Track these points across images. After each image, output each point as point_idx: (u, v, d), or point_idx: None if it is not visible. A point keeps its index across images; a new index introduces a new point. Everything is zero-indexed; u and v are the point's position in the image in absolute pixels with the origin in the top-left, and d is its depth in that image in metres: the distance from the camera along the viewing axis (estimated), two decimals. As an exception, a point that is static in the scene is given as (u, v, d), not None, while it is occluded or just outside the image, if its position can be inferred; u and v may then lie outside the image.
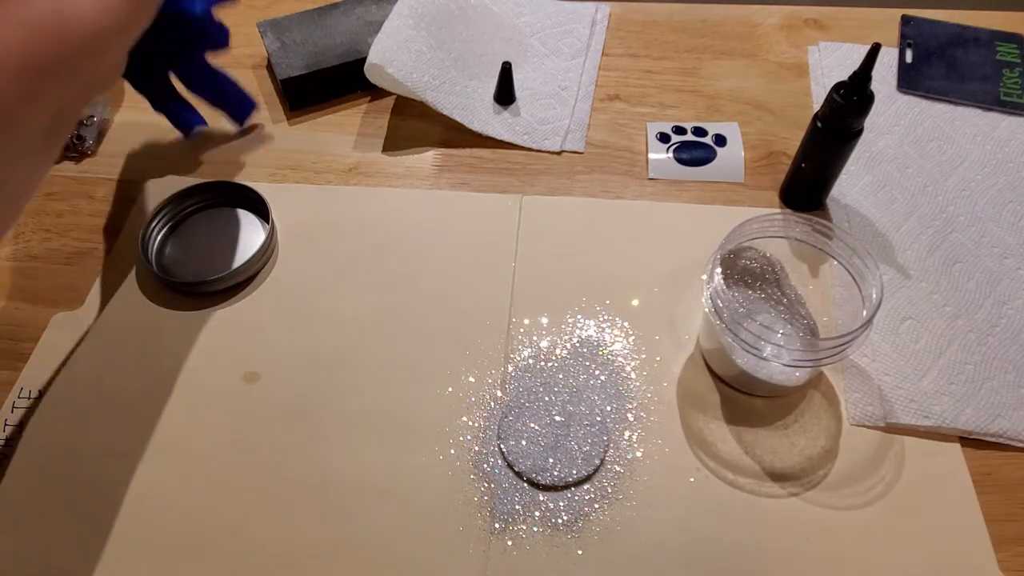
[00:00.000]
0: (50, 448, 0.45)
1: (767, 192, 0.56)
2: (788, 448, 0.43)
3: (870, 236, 0.52)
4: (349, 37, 0.63)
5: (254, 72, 0.67)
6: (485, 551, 0.40)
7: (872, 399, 0.45)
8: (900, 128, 0.59)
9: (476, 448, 0.44)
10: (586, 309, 0.50)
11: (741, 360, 0.44)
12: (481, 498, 0.42)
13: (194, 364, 0.48)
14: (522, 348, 0.48)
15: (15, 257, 0.55)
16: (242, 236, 0.54)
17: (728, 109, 0.62)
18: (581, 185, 0.57)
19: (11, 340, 0.50)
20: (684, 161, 0.58)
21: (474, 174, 0.58)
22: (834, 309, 0.48)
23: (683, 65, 0.66)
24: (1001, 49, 0.64)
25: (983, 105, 0.60)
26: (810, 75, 0.64)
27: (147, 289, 0.52)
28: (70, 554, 0.41)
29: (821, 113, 0.48)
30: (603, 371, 0.47)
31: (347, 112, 0.63)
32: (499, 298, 0.50)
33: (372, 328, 0.49)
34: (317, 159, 0.60)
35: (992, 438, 0.43)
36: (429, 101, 0.59)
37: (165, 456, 0.44)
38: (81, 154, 0.61)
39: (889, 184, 0.55)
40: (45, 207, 0.58)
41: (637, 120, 0.61)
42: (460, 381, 0.47)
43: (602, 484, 0.42)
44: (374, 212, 0.56)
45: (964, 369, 0.46)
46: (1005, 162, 0.56)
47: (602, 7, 0.70)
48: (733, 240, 0.43)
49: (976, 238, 0.52)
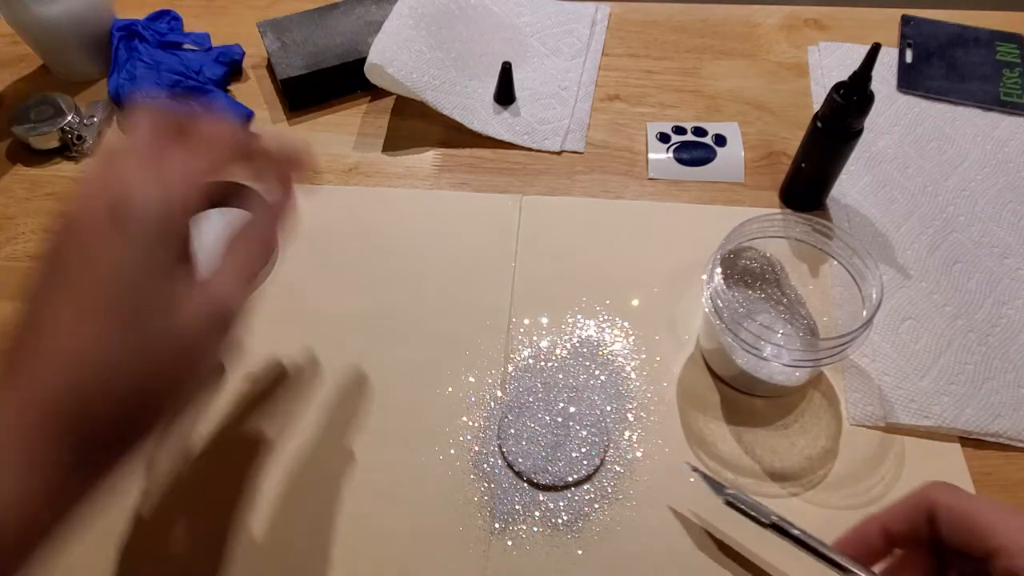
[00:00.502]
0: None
1: (767, 192, 0.56)
2: (788, 448, 0.43)
3: (870, 236, 0.52)
4: (349, 37, 0.63)
5: (254, 72, 0.67)
6: (485, 551, 0.40)
7: (872, 399, 0.45)
8: (900, 128, 0.59)
9: (476, 448, 0.44)
10: (586, 309, 0.50)
11: (741, 360, 0.44)
12: (481, 498, 0.42)
13: (194, 364, 0.48)
14: (522, 348, 0.48)
15: (15, 257, 0.55)
16: (242, 236, 0.54)
17: (728, 109, 0.62)
18: (581, 185, 0.57)
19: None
20: (684, 161, 0.58)
21: (474, 174, 0.58)
22: (834, 309, 0.48)
23: (683, 65, 0.66)
24: (1001, 49, 0.64)
25: (983, 105, 0.60)
26: (810, 75, 0.64)
27: (147, 289, 0.52)
28: (70, 554, 0.41)
29: (821, 113, 0.48)
30: (603, 371, 0.47)
31: (347, 112, 0.63)
32: (499, 298, 0.50)
33: (372, 328, 0.49)
34: (317, 159, 0.60)
35: (992, 438, 0.43)
36: (429, 101, 0.59)
37: (165, 456, 0.44)
38: (81, 154, 0.61)
39: (889, 184, 0.55)
40: (45, 207, 0.58)
41: (637, 120, 0.61)
42: (460, 381, 0.47)
43: (602, 484, 0.42)
44: (374, 212, 0.56)
45: (964, 369, 0.46)
46: (1005, 162, 0.56)
47: (602, 7, 0.70)
48: (733, 240, 0.43)
49: (976, 238, 0.52)
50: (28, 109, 0.61)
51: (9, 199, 0.58)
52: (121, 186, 0.29)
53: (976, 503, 0.31)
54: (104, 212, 0.28)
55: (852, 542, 0.35)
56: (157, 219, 0.29)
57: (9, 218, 0.57)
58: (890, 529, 0.33)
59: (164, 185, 0.29)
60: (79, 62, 0.66)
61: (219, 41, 0.67)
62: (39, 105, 0.61)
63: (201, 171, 0.31)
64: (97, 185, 0.29)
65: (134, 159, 0.30)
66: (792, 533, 0.36)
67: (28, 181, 0.60)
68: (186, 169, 0.30)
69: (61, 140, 0.61)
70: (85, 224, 0.28)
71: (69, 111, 0.61)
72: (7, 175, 0.60)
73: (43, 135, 0.60)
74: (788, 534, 0.36)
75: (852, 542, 0.35)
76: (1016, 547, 0.29)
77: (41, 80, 0.68)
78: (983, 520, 0.30)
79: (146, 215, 0.28)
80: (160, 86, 0.60)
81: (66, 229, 0.29)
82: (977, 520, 0.30)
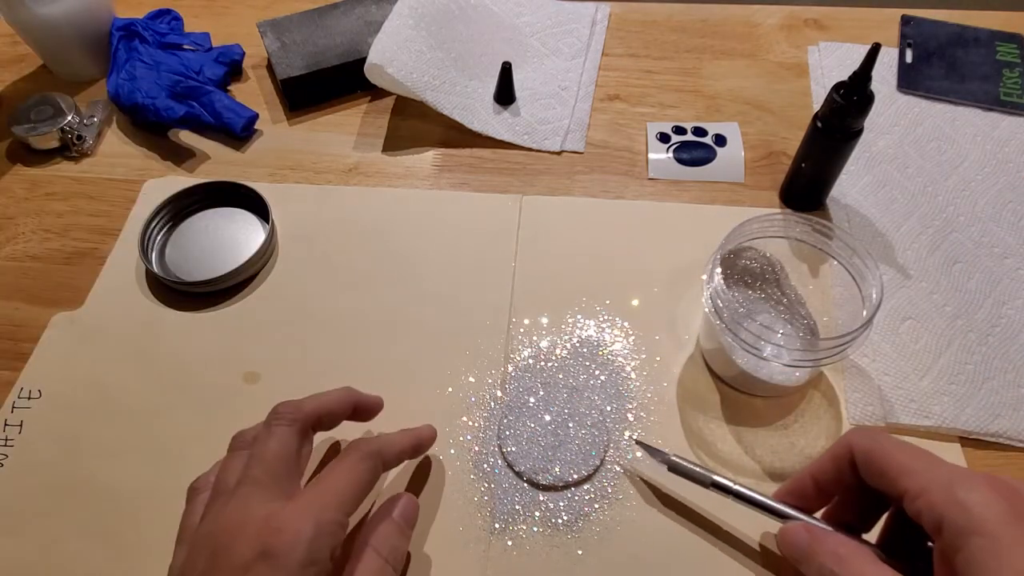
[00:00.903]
0: (50, 448, 0.45)
1: (767, 192, 0.56)
2: (788, 448, 0.43)
3: (870, 236, 0.52)
4: (349, 37, 0.63)
5: (254, 72, 0.67)
6: (485, 551, 0.40)
7: (872, 399, 0.45)
8: (900, 128, 0.59)
9: (476, 448, 0.44)
10: (586, 309, 0.50)
11: (741, 360, 0.44)
12: (481, 498, 0.42)
13: (194, 364, 0.48)
14: (522, 348, 0.48)
15: (15, 257, 0.55)
16: (242, 236, 0.54)
17: (728, 109, 0.62)
18: (581, 185, 0.57)
19: (11, 340, 0.50)
20: (684, 161, 0.58)
21: (474, 174, 0.58)
22: (834, 309, 0.48)
23: (683, 65, 0.66)
24: (1001, 49, 0.64)
25: (983, 105, 0.60)
26: (810, 75, 0.64)
27: (147, 289, 0.52)
28: (70, 554, 0.41)
29: (821, 113, 0.48)
30: (603, 371, 0.47)
31: (347, 112, 0.63)
32: (499, 298, 0.50)
33: (372, 328, 0.49)
34: (317, 159, 0.60)
35: (992, 438, 0.43)
36: (429, 101, 0.59)
37: (165, 456, 0.44)
38: (81, 154, 0.61)
39: (889, 184, 0.55)
40: (45, 207, 0.58)
41: (637, 120, 0.61)
42: (460, 381, 0.47)
43: (602, 484, 0.42)
44: (374, 212, 0.56)
45: (964, 369, 0.46)
46: (1005, 162, 0.56)
47: (602, 7, 0.70)
48: (733, 240, 0.43)
49: (976, 238, 0.52)
50: (28, 109, 0.61)
51: (9, 199, 0.58)
52: (272, 534, 0.30)
53: (887, 446, 0.32)
54: (253, 555, 0.30)
55: (789, 492, 0.37)
56: (304, 561, 0.30)
57: (9, 218, 0.57)
58: (818, 478, 0.35)
59: (315, 524, 0.31)
60: (79, 62, 0.66)
61: (219, 41, 0.67)
62: (39, 105, 0.61)
63: (347, 505, 0.33)
64: (245, 526, 0.31)
65: (273, 491, 0.33)
66: (733, 489, 0.38)
67: (28, 181, 0.60)
68: (335, 501, 0.33)
69: (61, 140, 0.61)
70: (234, 561, 0.30)
71: (69, 111, 0.61)
72: (7, 175, 0.60)
73: (43, 135, 0.60)
74: (730, 491, 0.38)
75: (789, 492, 0.37)
76: (916, 489, 0.29)
77: (41, 80, 0.68)
78: (892, 463, 0.31)
79: (295, 557, 0.30)
80: (160, 86, 0.60)
81: (212, 563, 0.31)
82: (887, 463, 0.31)
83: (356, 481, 0.34)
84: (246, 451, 0.35)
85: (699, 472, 0.39)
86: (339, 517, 0.32)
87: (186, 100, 0.61)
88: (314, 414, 0.37)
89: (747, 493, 0.37)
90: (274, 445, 0.35)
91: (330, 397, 0.39)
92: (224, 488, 0.34)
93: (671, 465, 0.40)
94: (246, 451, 0.35)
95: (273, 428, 0.35)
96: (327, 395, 0.39)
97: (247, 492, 0.32)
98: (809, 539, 0.33)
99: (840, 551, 0.32)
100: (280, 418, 0.36)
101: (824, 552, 0.32)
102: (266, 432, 0.35)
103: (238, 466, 0.35)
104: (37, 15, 0.61)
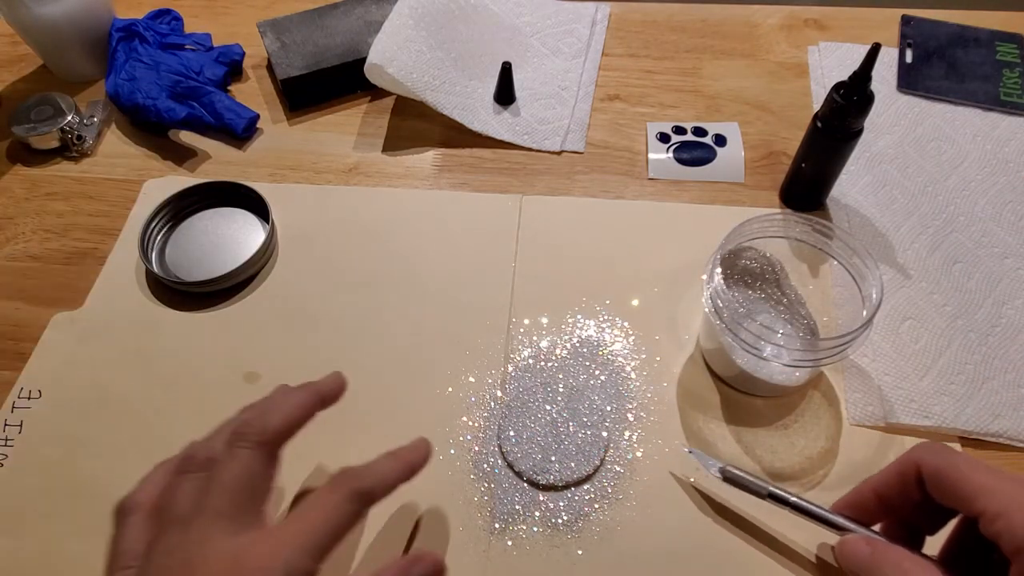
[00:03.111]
0: (50, 448, 0.45)
1: (767, 192, 0.56)
2: (788, 448, 0.43)
3: (870, 236, 0.52)
4: (349, 37, 0.63)
5: (254, 72, 0.67)
6: (485, 551, 0.40)
7: (872, 399, 0.45)
8: (900, 128, 0.59)
9: (476, 448, 0.44)
10: (586, 309, 0.50)
11: (741, 360, 0.44)
12: (481, 498, 0.42)
13: (194, 364, 0.48)
14: (522, 348, 0.48)
15: (15, 257, 0.55)
16: (242, 236, 0.54)
17: (728, 109, 0.62)
18: (581, 185, 0.57)
19: (11, 340, 0.50)
20: (684, 161, 0.58)
21: (474, 174, 0.58)
22: (834, 309, 0.48)
23: (683, 65, 0.66)
24: (1001, 49, 0.64)
25: (983, 105, 0.60)
26: (810, 75, 0.64)
27: (147, 289, 0.52)
28: (70, 554, 0.41)
29: (821, 113, 0.48)
30: (603, 371, 0.47)
31: (347, 112, 0.63)
32: (499, 298, 0.50)
33: (372, 328, 0.49)
34: (317, 159, 0.60)
35: (992, 438, 0.43)
36: (429, 101, 0.59)
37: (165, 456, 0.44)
38: (81, 154, 0.61)
39: (889, 184, 0.55)
40: (45, 207, 0.58)
41: (637, 120, 0.61)
42: (460, 381, 0.47)
43: (602, 484, 0.42)
44: (374, 212, 0.56)
45: (964, 369, 0.46)
46: (1005, 162, 0.56)
47: (602, 7, 0.70)
48: (733, 240, 0.43)
49: (976, 238, 0.52)
50: (28, 109, 0.61)
51: (9, 199, 0.58)
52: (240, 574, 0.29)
53: (958, 465, 0.31)
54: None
55: (848, 505, 0.36)
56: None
57: (9, 218, 0.57)
58: (881, 493, 0.34)
59: (285, 567, 0.29)
60: (79, 62, 0.66)
61: (219, 41, 0.67)
62: (39, 105, 0.61)
63: (322, 550, 0.30)
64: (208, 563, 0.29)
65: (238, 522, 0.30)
66: (791, 501, 0.37)
67: (28, 181, 0.60)
68: (310, 543, 0.30)
69: (61, 140, 0.61)
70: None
71: (69, 111, 0.61)
72: (7, 175, 0.60)
73: (43, 135, 0.60)
74: (787, 502, 0.37)
75: (848, 505, 0.36)
76: (995, 510, 0.29)
77: (41, 80, 0.68)
78: (965, 484, 0.30)
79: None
80: (160, 86, 0.60)
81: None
82: (959, 484, 0.31)
83: (337, 525, 0.31)
84: (201, 474, 0.32)
85: (754, 482, 0.38)
86: (310, 565, 0.30)
87: (187, 101, 0.61)
88: (283, 431, 0.34)
89: (805, 505, 0.37)
90: (237, 470, 0.31)
91: (293, 403, 0.35)
92: (177, 517, 0.31)
93: (726, 475, 0.39)
94: (201, 474, 0.32)
95: (236, 450, 0.32)
96: (289, 402, 0.35)
97: (207, 523, 0.30)
98: (871, 552, 0.33)
99: (905, 564, 0.31)
100: (243, 440, 0.32)
101: (889, 564, 0.32)
102: (228, 454, 0.32)
103: (191, 491, 0.31)
104: (37, 15, 0.61)
